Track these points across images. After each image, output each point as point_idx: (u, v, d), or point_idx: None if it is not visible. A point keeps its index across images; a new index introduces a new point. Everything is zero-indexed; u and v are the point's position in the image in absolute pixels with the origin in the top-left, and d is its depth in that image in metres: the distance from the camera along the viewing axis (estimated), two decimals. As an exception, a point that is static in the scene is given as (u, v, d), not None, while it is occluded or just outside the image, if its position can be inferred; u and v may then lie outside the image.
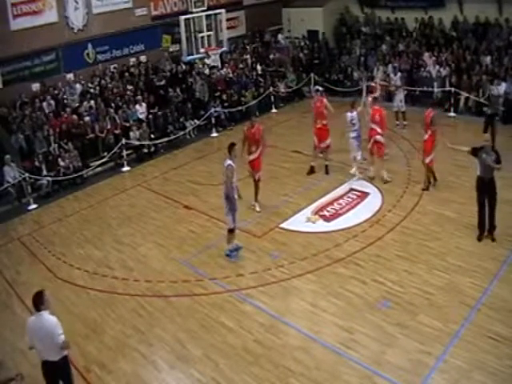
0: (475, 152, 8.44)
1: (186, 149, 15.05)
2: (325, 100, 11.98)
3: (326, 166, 12.03)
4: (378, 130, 11.10)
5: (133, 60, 17.35)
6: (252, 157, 10.51)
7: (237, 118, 16.49)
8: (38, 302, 5.47)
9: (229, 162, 8.58)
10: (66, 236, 10.58)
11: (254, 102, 17.04)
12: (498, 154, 8.21)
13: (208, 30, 15.45)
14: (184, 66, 17.53)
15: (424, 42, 17.93)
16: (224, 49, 16.85)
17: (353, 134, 11.30)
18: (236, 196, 8.71)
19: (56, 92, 14.86)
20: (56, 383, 5.79)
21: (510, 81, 14.58)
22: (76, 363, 6.61)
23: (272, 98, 17.50)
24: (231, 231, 8.84)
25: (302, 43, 20.62)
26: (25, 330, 5.65)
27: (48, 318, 5.47)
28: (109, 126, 14.33)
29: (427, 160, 10.57)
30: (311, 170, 12.10)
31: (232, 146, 8.78)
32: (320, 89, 12.70)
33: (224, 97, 16.80)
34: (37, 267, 9.40)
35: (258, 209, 10.57)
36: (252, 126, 10.59)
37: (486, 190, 8.40)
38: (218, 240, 9.64)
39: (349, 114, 11.31)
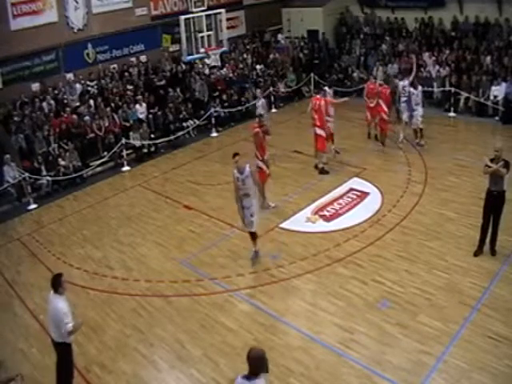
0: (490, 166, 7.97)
1: (186, 149, 15.03)
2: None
3: (322, 167, 12.13)
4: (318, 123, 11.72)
5: (133, 60, 17.35)
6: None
7: (237, 118, 16.50)
8: (55, 283, 5.83)
9: (234, 170, 8.34)
10: (66, 236, 10.58)
11: (255, 101, 17.02)
12: (507, 162, 7.80)
13: (208, 30, 15.39)
14: (184, 66, 17.54)
15: (424, 41, 17.93)
16: (224, 49, 16.82)
17: (403, 99, 12.71)
18: (244, 203, 8.40)
19: (56, 92, 14.86)
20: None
21: (510, 81, 14.59)
22: (76, 363, 6.60)
23: (272, 97, 17.51)
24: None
25: (302, 43, 20.62)
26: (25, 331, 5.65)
27: (59, 304, 5.73)
28: (108, 125, 14.32)
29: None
30: (323, 170, 12.10)
31: (234, 155, 8.45)
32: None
33: (224, 97, 16.81)
34: (37, 267, 9.38)
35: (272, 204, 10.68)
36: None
37: (493, 203, 8.04)
38: (217, 240, 9.65)
39: (401, 83, 12.95)
